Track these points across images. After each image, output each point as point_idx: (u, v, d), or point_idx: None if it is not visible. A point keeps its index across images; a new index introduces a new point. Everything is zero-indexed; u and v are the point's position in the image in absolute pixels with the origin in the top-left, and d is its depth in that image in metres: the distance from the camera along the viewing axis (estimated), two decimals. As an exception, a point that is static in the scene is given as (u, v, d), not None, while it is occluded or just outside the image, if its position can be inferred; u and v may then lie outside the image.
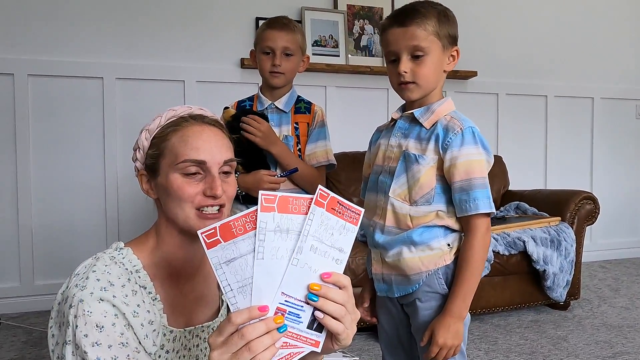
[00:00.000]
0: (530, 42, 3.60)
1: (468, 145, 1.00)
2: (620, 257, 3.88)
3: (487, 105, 3.51)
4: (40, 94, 2.62)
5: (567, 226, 2.55)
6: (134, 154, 0.89)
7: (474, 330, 2.31)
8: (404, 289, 1.05)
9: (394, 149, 1.07)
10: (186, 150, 0.80)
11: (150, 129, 0.86)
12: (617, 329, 2.32)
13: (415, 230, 1.02)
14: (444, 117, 1.04)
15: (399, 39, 1.00)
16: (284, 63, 1.47)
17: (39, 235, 2.65)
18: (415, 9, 1.01)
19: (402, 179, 1.04)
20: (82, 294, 0.71)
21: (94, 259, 0.79)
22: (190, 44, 2.85)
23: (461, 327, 0.99)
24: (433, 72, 1.02)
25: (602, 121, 3.82)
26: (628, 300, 2.77)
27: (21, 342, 2.17)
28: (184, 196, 0.79)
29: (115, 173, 2.74)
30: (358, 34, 3.15)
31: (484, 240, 1.00)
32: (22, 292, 2.61)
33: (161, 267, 0.83)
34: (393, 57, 1.03)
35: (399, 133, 1.08)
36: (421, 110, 1.06)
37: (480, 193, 0.98)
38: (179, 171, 0.80)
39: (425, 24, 1.00)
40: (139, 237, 0.87)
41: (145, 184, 0.88)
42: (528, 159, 3.63)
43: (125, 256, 0.80)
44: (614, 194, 3.87)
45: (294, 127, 1.52)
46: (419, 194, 1.01)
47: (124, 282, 0.76)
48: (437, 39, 1.01)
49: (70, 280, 0.76)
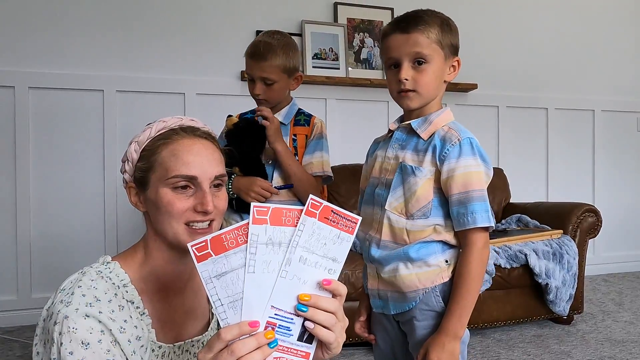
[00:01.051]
0: (531, 55, 3.61)
1: (466, 156, 0.98)
2: (624, 270, 3.84)
3: (487, 118, 3.50)
4: (40, 106, 2.63)
5: (570, 239, 2.52)
6: (122, 166, 0.87)
7: (476, 345, 2.28)
8: (400, 306, 1.02)
9: (391, 161, 1.05)
10: (177, 165, 0.79)
11: (140, 141, 0.84)
12: (622, 344, 2.28)
13: (412, 246, 0.99)
14: (442, 127, 1.02)
15: (401, 45, 0.99)
16: (263, 91, 1.46)
17: (37, 247, 2.63)
18: (418, 16, 1.00)
19: (398, 192, 1.01)
20: (67, 310, 0.69)
21: (80, 274, 0.77)
22: (190, 56, 2.86)
23: (457, 346, 0.95)
24: (434, 80, 1.00)
25: (603, 134, 3.81)
26: (632, 315, 2.73)
27: (16, 357, 2.15)
28: (174, 211, 0.78)
29: (115, 185, 2.73)
30: (358, 47, 3.16)
31: (481, 256, 0.96)
32: (19, 305, 2.59)
33: (149, 281, 0.81)
34: (394, 63, 1.01)
35: (396, 144, 1.06)
36: (419, 120, 1.03)
37: (478, 206, 0.95)
38: (169, 186, 0.79)
39: (428, 31, 0.98)
40: (127, 250, 0.86)
41: (133, 197, 0.86)
42: (529, 172, 3.61)
43: (112, 270, 0.78)
44: (616, 206, 3.85)
45: (292, 139, 1.51)
46: (416, 207, 0.99)
47: (110, 297, 0.74)
48: (440, 47, 0.99)
49: (55, 295, 0.75)
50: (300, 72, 1.53)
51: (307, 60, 3.01)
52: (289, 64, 1.47)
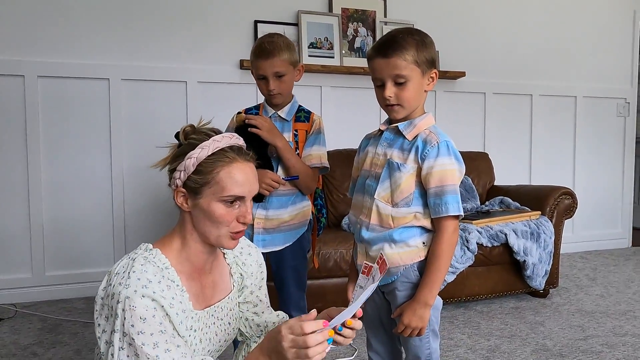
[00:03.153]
0: (517, 44, 3.76)
1: (442, 156, 1.15)
2: (601, 248, 4.09)
3: (474, 104, 3.68)
4: (49, 95, 2.76)
5: (547, 220, 2.73)
6: (176, 173, 1.01)
7: (459, 317, 2.50)
8: (385, 279, 1.21)
9: (380, 157, 1.22)
10: (233, 186, 0.97)
11: (198, 157, 0.98)
12: (591, 315, 2.51)
13: (395, 230, 1.18)
14: (424, 130, 1.19)
15: (383, 68, 1.14)
16: (277, 85, 1.59)
17: (49, 229, 2.79)
18: (395, 41, 1.14)
19: (386, 184, 1.19)
20: (127, 292, 0.87)
21: (130, 260, 0.94)
22: (192, 46, 2.98)
23: (427, 312, 1.16)
24: (414, 94, 1.16)
25: (584, 119, 4.01)
26: (603, 289, 2.97)
27: (37, 329, 2.33)
28: (224, 222, 0.97)
29: (121, 169, 2.88)
30: (352, 36, 3.30)
31: (451, 239, 1.15)
32: (34, 282, 2.76)
33: (185, 265, 1.00)
34: (379, 83, 1.17)
35: (385, 143, 1.22)
36: (405, 124, 1.20)
37: (451, 198, 1.13)
38: (222, 201, 0.97)
39: (404, 55, 1.12)
40: (163, 238, 1.02)
41: (180, 199, 1.01)
42: (513, 156, 3.81)
43: (155, 256, 0.96)
44: (595, 188, 4.07)
45: (294, 134, 1.67)
46: (400, 197, 1.17)
47: (159, 278, 0.91)
48: (417, 66, 1.14)
49: (111, 279, 0.91)
50: (301, 64, 1.69)
51: (303, 50, 3.15)
52: (294, 57, 1.63)
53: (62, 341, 2.19)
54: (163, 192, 2.97)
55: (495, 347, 2.12)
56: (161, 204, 2.96)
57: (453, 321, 2.44)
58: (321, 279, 2.34)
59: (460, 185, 3.32)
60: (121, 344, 0.86)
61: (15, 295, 2.71)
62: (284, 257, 1.64)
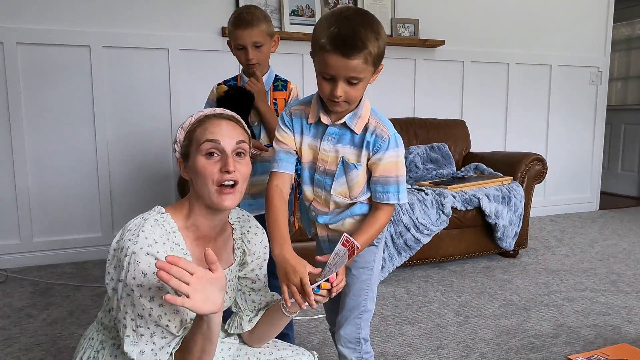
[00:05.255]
0: (494, 13, 3.82)
1: (391, 149, 1.18)
2: (570, 211, 4.30)
3: (453, 72, 3.76)
4: (30, 62, 2.74)
5: (518, 184, 2.88)
6: (173, 146, 1.10)
7: (434, 276, 2.65)
8: None
9: (329, 153, 1.20)
10: (205, 134, 1.03)
11: (184, 126, 1.07)
12: (555, 273, 2.70)
13: (355, 206, 1.25)
14: (370, 121, 1.18)
15: (340, 68, 1.06)
16: (256, 55, 1.66)
17: (35, 196, 2.83)
18: (359, 40, 1.04)
19: (341, 180, 1.21)
20: (134, 248, 0.95)
21: (142, 219, 1.01)
22: (173, 13, 2.98)
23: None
24: (362, 92, 1.14)
25: (558, 87, 4.13)
26: (569, 249, 3.16)
27: (29, 292, 2.41)
28: (206, 173, 1.01)
29: (105, 137, 2.91)
30: (333, 4, 3.31)
31: (384, 222, 1.22)
32: (23, 248, 2.82)
33: (191, 230, 1.07)
34: (329, 77, 1.09)
35: (331, 138, 1.19)
36: (349, 116, 1.17)
37: (392, 188, 1.19)
38: (202, 153, 1.02)
39: (366, 55, 1.05)
40: (175, 204, 1.10)
41: (183, 169, 1.09)
42: (490, 123, 3.93)
43: (165, 220, 1.03)
44: (566, 154, 4.25)
45: (273, 103, 1.74)
46: (357, 191, 1.22)
47: (165, 240, 0.99)
48: (372, 66, 1.09)
49: (124, 233, 0.99)
50: (277, 35, 1.75)
51: (285, 17, 3.17)
52: (270, 29, 1.70)
53: (54, 303, 2.28)
54: (148, 158, 3.02)
55: (465, 303, 2.28)
56: (146, 170, 3.02)
57: (428, 280, 2.59)
58: (303, 242, 2.46)
59: (437, 151, 3.40)
60: (122, 293, 0.95)
61: (4, 261, 2.77)
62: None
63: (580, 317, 2.11)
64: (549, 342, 1.88)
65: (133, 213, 2.98)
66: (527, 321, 2.07)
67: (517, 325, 2.04)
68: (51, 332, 1.97)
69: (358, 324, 1.27)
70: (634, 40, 5.08)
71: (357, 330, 1.27)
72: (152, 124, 3.00)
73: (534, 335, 1.94)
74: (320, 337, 1.95)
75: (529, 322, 2.06)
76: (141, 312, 0.95)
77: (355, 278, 1.28)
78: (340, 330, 1.28)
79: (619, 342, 1.88)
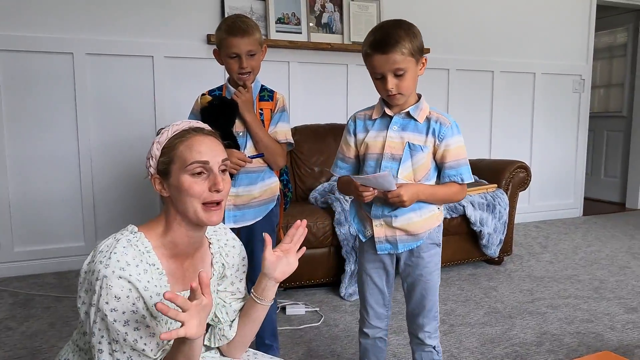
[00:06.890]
0: (479, 21, 3.87)
1: (457, 135, 1.35)
2: (554, 217, 4.34)
3: (438, 80, 3.79)
4: (12, 70, 2.70)
5: (502, 192, 2.90)
6: (147, 162, 1.07)
7: (420, 284, 2.65)
8: (409, 245, 1.38)
9: (396, 140, 1.34)
10: (192, 154, 1.01)
11: (160, 141, 1.04)
12: (539, 280, 2.72)
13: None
14: (431, 112, 1.35)
15: (383, 64, 1.26)
16: (250, 63, 1.66)
17: (16, 205, 2.78)
18: (391, 37, 1.25)
19: (407, 164, 1.33)
20: (106, 271, 0.93)
21: (115, 240, 0.99)
22: (158, 20, 2.96)
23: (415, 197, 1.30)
24: (412, 82, 1.30)
25: (542, 95, 4.19)
26: (553, 256, 3.19)
27: (9, 304, 2.36)
28: (194, 193, 1.00)
29: (89, 145, 2.88)
30: (319, 12, 3.32)
31: (458, 195, 1.39)
32: (3, 258, 2.77)
33: (168, 248, 1.05)
34: (379, 76, 1.29)
35: (396, 127, 1.34)
36: (413, 108, 1.34)
37: (464, 169, 1.35)
38: (188, 172, 1.01)
39: (402, 49, 1.25)
40: (149, 222, 1.07)
41: (158, 185, 1.05)
42: (475, 130, 3.97)
43: (139, 239, 1.01)
44: (550, 161, 4.30)
45: (259, 113, 1.73)
46: (422, 174, 1.34)
47: (137, 262, 0.97)
48: (412, 57, 1.27)
49: (95, 255, 0.97)
50: (265, 44, 1.75)
51: (271, 25, 3.17)
52: (261, 38, 1.72)
53: (35, 315, 2.23)
54: (131, 167, 2.99)
55: (451, 311, 2.28)
56: (130, 179, 2.99)
57: (414, 288, 2.59)
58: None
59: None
60: (95, 317, 0.94)
61: (-17, 272, 2.71)
62: (255, 232, 1.73)
63: (563, 324, 2.13)
64: (532, 351, 1.89)
65: (117, 222, 2.94)
66: (512, 329, 2.08)
67: (502, 333, 2.04)
68: (30, 345, 1.93)
69: (436, 317, 1.44)
70: (616, 48, 5.17)
71: (436, 323, 1.44)
72: (136, 131, 2.97)
73: (518, 344, 1.95)
74: (305, 347, 1.94)
75: (513, 330, 2.07)
76: (116, 337, 0.94)
77: (430, 283, 1.41)
78: (425, 328, 1.43)
79: (601, 349, 1.90)
